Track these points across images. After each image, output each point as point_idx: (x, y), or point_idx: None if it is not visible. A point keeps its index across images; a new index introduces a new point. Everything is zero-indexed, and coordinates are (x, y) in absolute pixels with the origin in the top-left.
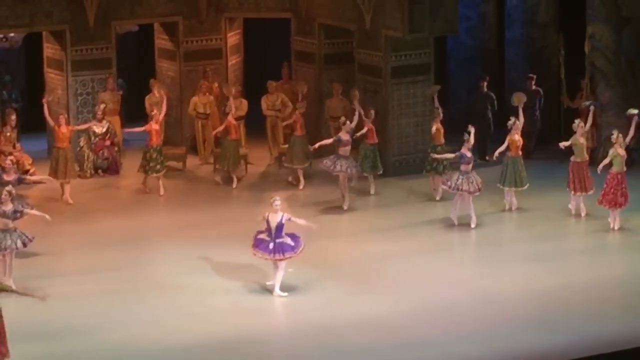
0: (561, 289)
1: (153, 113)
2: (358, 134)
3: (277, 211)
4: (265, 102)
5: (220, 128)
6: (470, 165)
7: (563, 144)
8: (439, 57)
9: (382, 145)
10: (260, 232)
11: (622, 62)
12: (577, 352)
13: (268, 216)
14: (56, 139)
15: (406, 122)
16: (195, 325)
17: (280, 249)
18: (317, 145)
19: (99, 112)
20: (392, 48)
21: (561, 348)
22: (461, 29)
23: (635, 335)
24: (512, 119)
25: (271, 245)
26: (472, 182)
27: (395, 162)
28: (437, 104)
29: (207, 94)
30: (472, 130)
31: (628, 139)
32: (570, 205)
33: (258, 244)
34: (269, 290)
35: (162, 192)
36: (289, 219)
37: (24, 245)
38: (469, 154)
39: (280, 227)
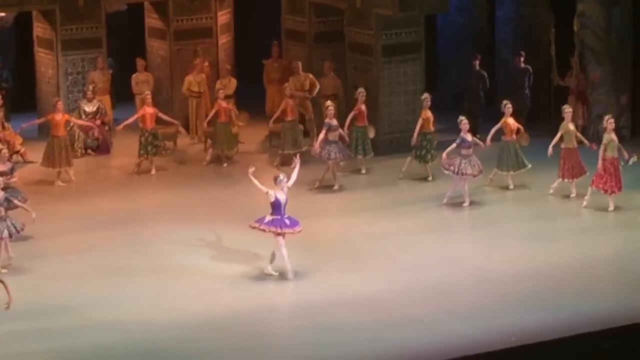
0: (554, 268)
1: (146, 95)
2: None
3: (283, 188)
4: (293, 83)
5: (212, 114)
6: (471, 149)
7: (551, 146)
8: (430, 35)
9: (372, 124)
10: (263, 218)
11: (613, 40)
12: (569, 330)
13: (276, 195)
14: (51, 127)
15: (397, 101)
16: (187, 304)
17: (295, 221)
18: (315, 147)
19: (89, 92)
20: (383, 26)
21: (553, 326)
22: (451, 6)
23: (626, 313)
24: (505, 102)
25: (287, 221)
26: (474, 165)
27: (386, 140)
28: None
29: (201, 72)
30: (463, 119)
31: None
32: (552, 186)
33: (279, 224)
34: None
35: (153, 171)
36: (289, 187)
37: (10, 235)
38: (469, 138)
39: (286, 203)
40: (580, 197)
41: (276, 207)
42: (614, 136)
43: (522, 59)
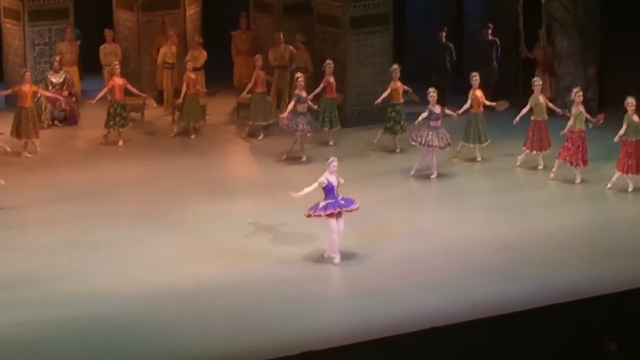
0: (520, 239)
1: (114, 66)
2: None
3: (332, 171)
4: (272, 54)
5: (185, 87)
6: (439, 121)
7: (520, 116)
8: (398, 7)
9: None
10: (317, 204)
11: (580, 12)
12: (535, 301)
13: (328, 179)
14: (19, 98)
15: (365, 73)
16: (155, 275)
17: (350, 200)
18: (284, 114)
19: (56, 63)
20: None
21: (520, 297)
22: None
23: (593, 284)
24: (472, 74)
25: (343, 201)
26: (441, 138)
27: (354, 112)
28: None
29: (174, 44)
30: (432, 90)
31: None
32: (519, 158)
33: (334, 206)
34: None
35: (120, 143)
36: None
37: None
38: (437, 110)
39: (337, 185)
40: (547, 170)
41: (329, 190)
42: (582, 109)
43: (489, 31)
